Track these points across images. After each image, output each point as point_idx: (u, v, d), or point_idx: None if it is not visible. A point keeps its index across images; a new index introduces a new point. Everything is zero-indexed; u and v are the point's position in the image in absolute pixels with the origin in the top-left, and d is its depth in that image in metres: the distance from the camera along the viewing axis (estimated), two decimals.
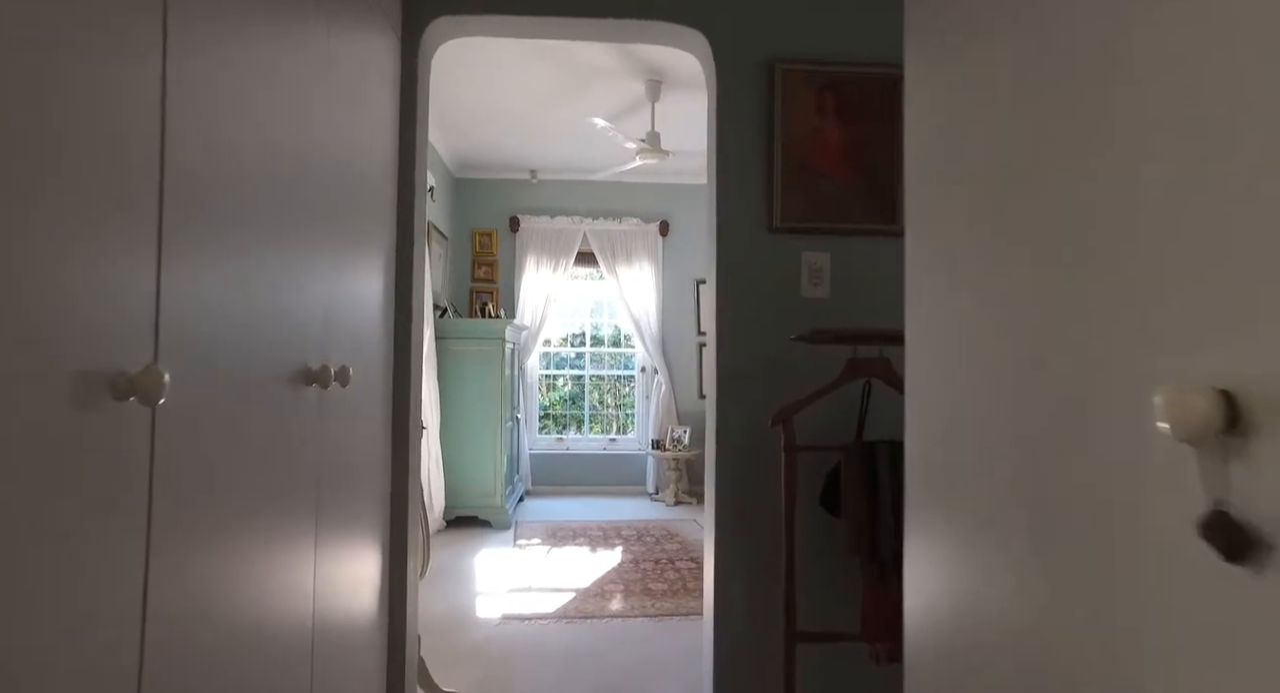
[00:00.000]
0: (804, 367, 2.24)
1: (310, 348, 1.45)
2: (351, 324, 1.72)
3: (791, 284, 2.29)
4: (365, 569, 1.89)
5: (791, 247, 2.29)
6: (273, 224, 1.26)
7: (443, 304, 6.17)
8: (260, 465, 1.24)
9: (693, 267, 7.20)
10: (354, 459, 1.78)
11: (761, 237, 2.28)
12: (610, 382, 7.56)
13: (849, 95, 2.25)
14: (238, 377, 1.15)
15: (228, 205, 1.10)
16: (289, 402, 1.36)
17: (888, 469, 1.95)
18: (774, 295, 2.28)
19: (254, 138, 1.19)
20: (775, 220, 2.25)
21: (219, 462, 1.08)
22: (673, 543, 5.21)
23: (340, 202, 1.62)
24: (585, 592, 4.07)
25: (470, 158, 6.71)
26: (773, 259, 2.28)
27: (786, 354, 2.26)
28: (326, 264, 1.53)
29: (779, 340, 2.26)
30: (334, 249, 1.58)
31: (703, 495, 7.01)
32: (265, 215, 1.23)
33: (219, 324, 1.07)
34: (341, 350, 1.63)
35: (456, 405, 5.63)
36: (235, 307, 1.13)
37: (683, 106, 5.18)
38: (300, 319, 1.40)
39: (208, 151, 1.03)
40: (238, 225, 1.13)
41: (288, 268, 1.33)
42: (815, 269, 2.27)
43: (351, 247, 1.73)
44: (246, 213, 1.16)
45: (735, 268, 2.27)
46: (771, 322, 2.27)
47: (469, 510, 5.65)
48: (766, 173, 2.27)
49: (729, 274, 2.27)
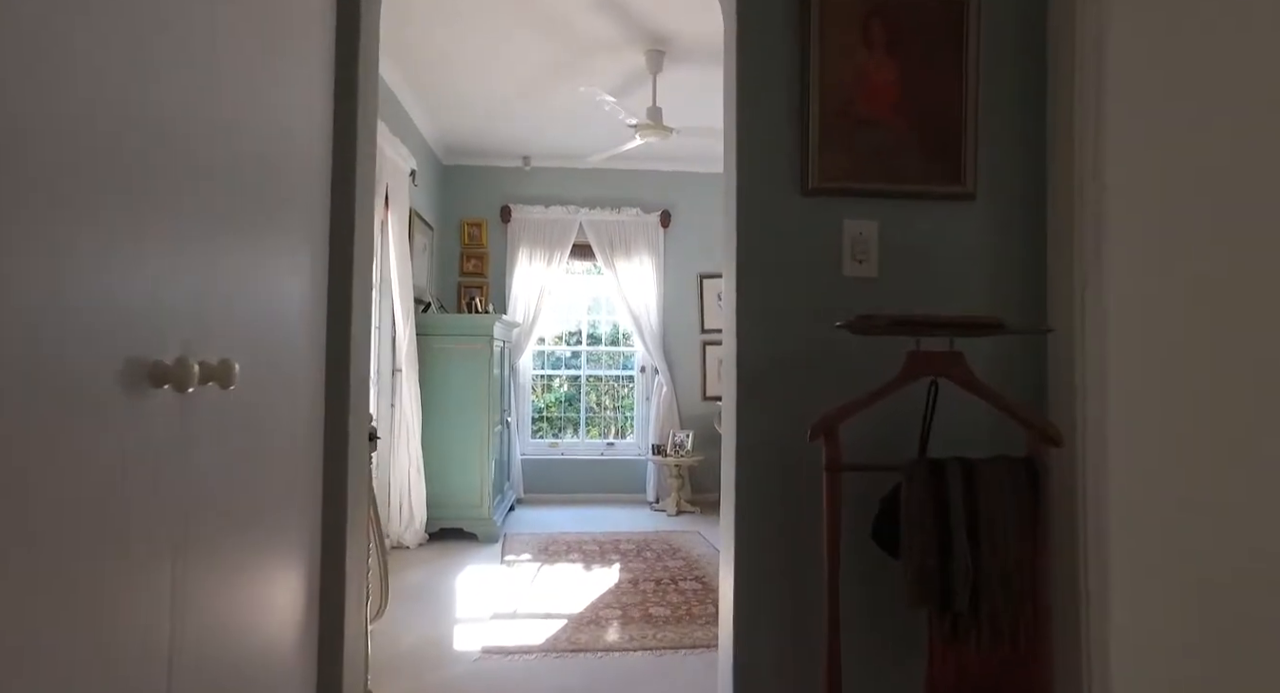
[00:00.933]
0: (848, 364, 1.79)
1: (166, 341, 1.01)
2: (250, 315, 1.27)
3: (830, 260, 1.84)
4: (279, 617, 1.44)
5: (830, 213, 1.83)
6: (104, 195, 0.87)
7: (427, 299, 5.72)
8: (58, 497, 0.79)
9: (696, 259, 6.78)
10: (258, 480, 1.33)
11: (793, 202, 1.83)
12: (608, 382, 7.13)
13: (903, 23, 1.80)
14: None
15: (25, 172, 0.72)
16: (121, 409, 0.91)
17: (962, 494, 1.50)
18: (808, 275, 1.83)
19: (76, 88, 0.83)
20: (811, 181, 1.80)
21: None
22: (675, 559, 4.76)
23: (227, 171, 1.18)
24: (578, 619, 3.62)
25: (458, 143, 6.26)
26: (807, 229, 1.83)
27: (825, 348, 1.81)
28: (196, 243, 1.09)
29: (815, 331, 1.81)
30: (215, 226, 1.15)
31: (706, 505, 6.60)
32: (89, 185, 0.85)
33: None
34: (229, 345, 1.18)
35: (441, 408, 5.18)
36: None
37: (687, 80, 4.74)
38: (143, 307, 0.96)
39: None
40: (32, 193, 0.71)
41: (118, 246, 0.90)
42: (860, 241, 1.82)
43: (251, 225, 1.28)
44: (53, 180, 0.75)
45: (760, 241, 1.82)
46: (805, 308, 1.82)
47: (453, 522, 5.19)
48: (799, 121, 1.82)
49: (752, 249, 1.82)
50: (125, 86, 0.92)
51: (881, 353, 1.74)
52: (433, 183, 6.21)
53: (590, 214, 6.64)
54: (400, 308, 4.82)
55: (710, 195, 6.80)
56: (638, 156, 6.32)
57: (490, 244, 6.63)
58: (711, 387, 6.79)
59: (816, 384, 1.79)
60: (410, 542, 4.94)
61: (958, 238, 1.84)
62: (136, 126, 0.94)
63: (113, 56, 0.89)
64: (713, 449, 6.47)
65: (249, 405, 1.26)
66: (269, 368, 1.35)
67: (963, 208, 1.84)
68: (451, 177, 6.60)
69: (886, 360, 1.72)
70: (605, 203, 6.69)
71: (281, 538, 1.45)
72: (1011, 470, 1.52)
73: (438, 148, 6.27)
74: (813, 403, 1.77)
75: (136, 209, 0.95)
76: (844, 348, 1.79)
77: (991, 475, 1.51)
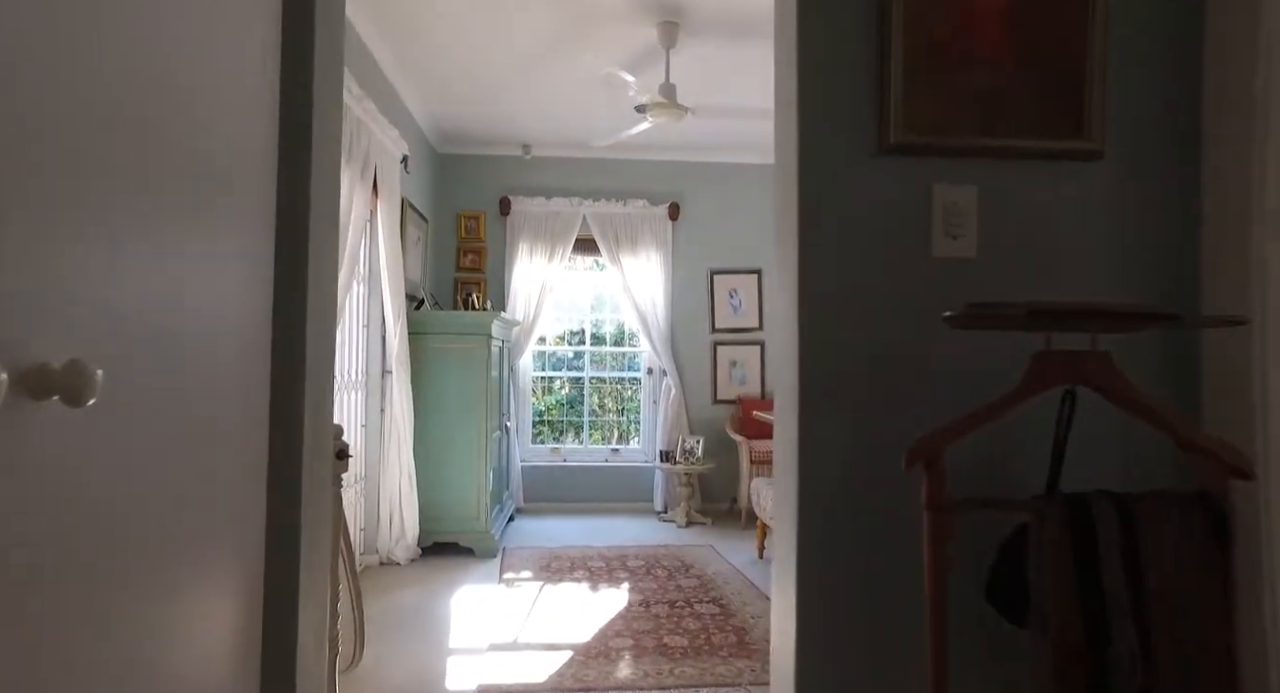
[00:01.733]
0: (943, 367, 1.41)
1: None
2: (123, 314, 0.89)
3: (916, 236, 1.45)
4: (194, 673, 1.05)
5: (916, 177, 1.45)
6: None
7: (420, 295, 5.34)
8: None
9: (707, 254, 6.41)
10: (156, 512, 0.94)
11: (868, 163, 1.45)
12: (612, 385, 6.75)
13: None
14: None
15: None
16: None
17: (1118, 545, 1.11)
18: (888, 255, 1.44)
19: None
20: (892, 134, 1.41)
21: None
22: (688, 577, 4.37)
23: (63, 129, 0.78)
24: (586, 650, 3.23)
25: (454, 130, 5.87)
26: (886, 198, 1.45)
27: (911, 348, 1.42)
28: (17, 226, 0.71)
29: (899, 326, 1.43)
30: (69, 204, 0.76)
31: (718, 515, 6.23)
32: None
33: None
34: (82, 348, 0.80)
35: (435, 412, 4.80)
36: None
37: (704, 57, 4.36)
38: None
39: None
40: None
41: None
42: (954, 212, 1.44)
43: (147, 205, 0.90)
44: None
45: (823, 211, 1.44)
46: (885, 297, 1.44)
47: (448, 536, 4.81)
48: (876, 60, 1.43)
49: (814, 221, 1.44)
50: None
51: (988, 353, 1.36)
52: (428, 172, 5.83)
53: (594, 206, 6.27)
54: (391, 304, 4.43)
55: (722, 186, 6.42)
56: (645, 145, 5.95)
57: (488, 238, 6.26)
58: (723, 390, 6.41)
59: (901, 394, 1.41)
60: (401, 558, 4.55)
61: (1080, 207, 1.45)
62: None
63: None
64: (724, 456, 6.09)
65: (133, 422, 0.88)
66: (167, 376, 0.96)
67: (1087, 169, 1.45)
68: (447, 166, 6.22)
69: (995, 363, 1.34)
70: (610, 194, 6.31)
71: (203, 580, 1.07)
72: (1183, 511, 1.12)
73: (433, 135, 5.89)
74: (896, 417, 1.39)
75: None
76: (935, 347, 1.41)
77: (1158, 518, 1.12)
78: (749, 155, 6.32)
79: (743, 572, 4.49)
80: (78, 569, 0.80)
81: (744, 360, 6.44)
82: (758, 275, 6.44)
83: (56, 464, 0.77)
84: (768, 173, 6.38)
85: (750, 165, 6.40)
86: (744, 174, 6.43)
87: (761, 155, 6.28)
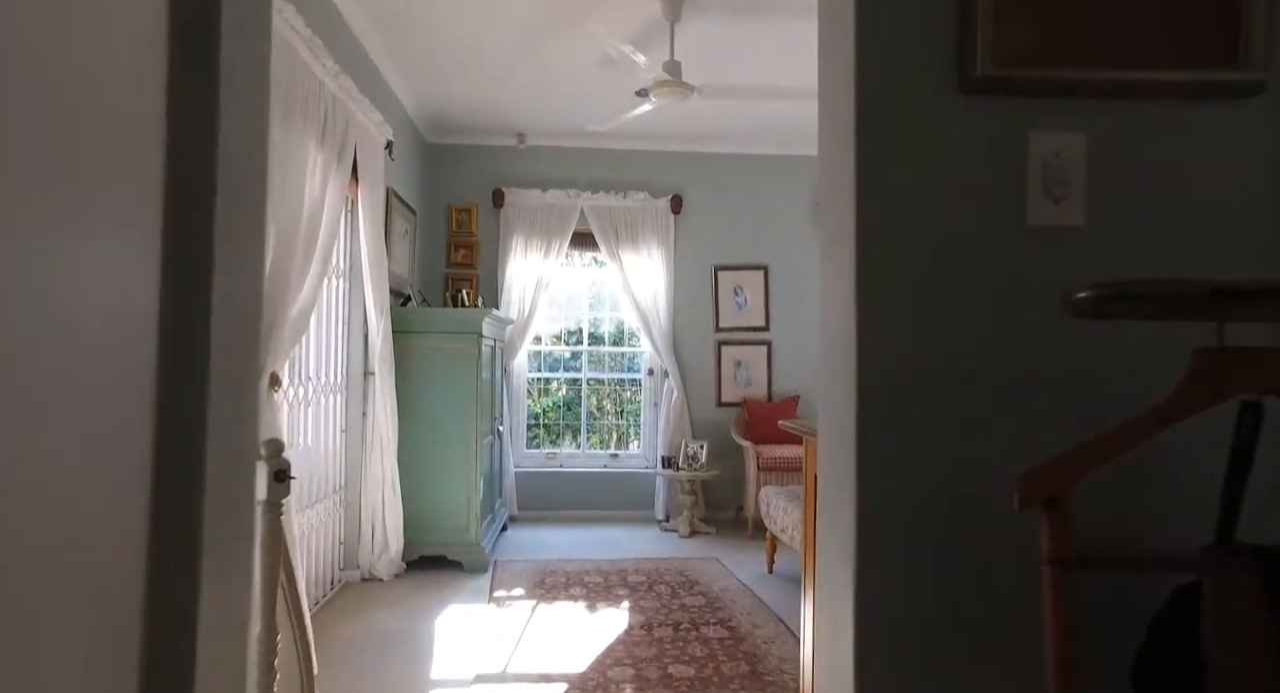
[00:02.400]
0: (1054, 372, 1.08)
1: None
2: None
3: (1007, 198, 1.12)
4: None
5: (1008, 121, 1.12)
6: None
7: (406, 291, 5.01)
8: None
9: (711, 250, 6.09)
10: None
11: (946, 103, 1.12)
12: (611, 386, 6.42)
13: None
14: None
15: None
16: None
17: None
18: (972, 223, 1.11)
19: None
20: (978, 66, 1.09)
21: None
22: (693, 595, 4.05)
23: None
24: (582, 681, 2.90)
25: (444, 118, 5.54)
26: (966, 148, 1.12)
27: (1001, 346, 1.09)
28: None
29: (981, 317, 1.10)
30: None
31: (723, 525, 5.87)
32: None
33: None
34: None
35: (421, 415, 4.47)
36: None
37: (712, 33, 4.03)
38: None
39: None
40: None
41: None
42: (1056, 168, 1.11)
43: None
44: None
45: (887, 169, 1.11)
46: (969, 278, 1.11)
47: (435, 549, 4.48)
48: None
49: (878, 179, 1.11)
50: None
51: (1122, 352, 1.03)
52: (416, 162, 5.50)
53: (592, 198, 5.94)
54: (373, 300, 4.10)
55: (727, 178, 6.10)
56: (647, 135, 5.64)
57: (481, 232, 5.94)
58: (727, 392, 6.09)
59: (991, 406, 1.08)
60: (384, 573, 4.22)
61: (1230, 159, 1.12)
62: None
63: None
64: (729, 462, 5.76)
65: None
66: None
67: (1239, 109, 1.12)
68: (437, 156, 5.90)
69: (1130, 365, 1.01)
70: (609, 186, 5.99)
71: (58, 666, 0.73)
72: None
73: (421, 123, 5.56)
74: (986, 438, 1.06)
75: None
76: (1033, 345, 1.08)
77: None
78: (756, 145, 6.00)
79: (751, 589, 4.16)
80: None
81: (749, 361, 6.12)
82: (764, 272, 6.12)
83: None
84: (775, 164, 6.06)
85: (757, 156, 6.08)
86: (750, 165, 6.10)
87: (770, 145, 5.96)
